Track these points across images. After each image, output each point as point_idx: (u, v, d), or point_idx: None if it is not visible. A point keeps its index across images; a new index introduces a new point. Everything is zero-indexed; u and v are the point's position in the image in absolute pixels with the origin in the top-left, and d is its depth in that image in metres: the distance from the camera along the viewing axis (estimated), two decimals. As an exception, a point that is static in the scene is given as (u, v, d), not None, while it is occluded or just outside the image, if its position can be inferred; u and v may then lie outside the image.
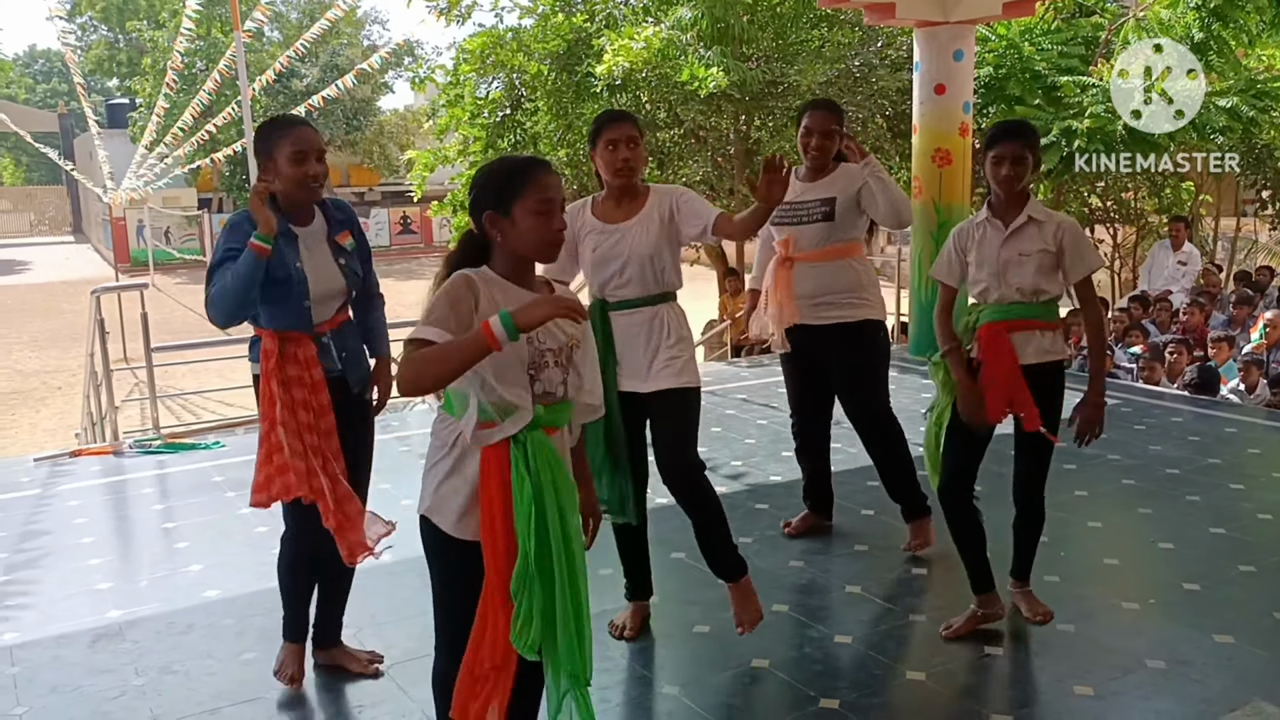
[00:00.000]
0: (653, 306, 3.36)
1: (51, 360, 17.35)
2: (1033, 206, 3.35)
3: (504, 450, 2.19)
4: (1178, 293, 10.12)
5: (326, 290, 3.02)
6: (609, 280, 3.33)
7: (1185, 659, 3.30)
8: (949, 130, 7.80)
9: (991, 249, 3.35)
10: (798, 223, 4.06)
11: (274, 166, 2.94)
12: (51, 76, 57.46)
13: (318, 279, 2.99)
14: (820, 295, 4.06)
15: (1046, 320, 3.36)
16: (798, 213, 4.06)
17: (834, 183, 4.04)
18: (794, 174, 4.12)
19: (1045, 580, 3.87)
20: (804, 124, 4.05)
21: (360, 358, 3.17)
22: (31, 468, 6.04)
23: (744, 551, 4.28)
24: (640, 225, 3.33)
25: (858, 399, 4.22)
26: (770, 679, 3.26)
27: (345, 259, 3.07)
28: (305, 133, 2.97)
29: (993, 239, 3.35)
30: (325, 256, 3.03)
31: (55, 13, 18.61)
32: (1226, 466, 5.40)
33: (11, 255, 36.40)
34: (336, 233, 3.08)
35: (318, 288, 2.98)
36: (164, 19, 33.59)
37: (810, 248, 4.05)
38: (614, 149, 3.29)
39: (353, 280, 3.09)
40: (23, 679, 3.39)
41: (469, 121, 12.08)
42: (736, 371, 8.39)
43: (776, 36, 11.02)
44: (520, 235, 2.22)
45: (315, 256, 3.01)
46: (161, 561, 4.46)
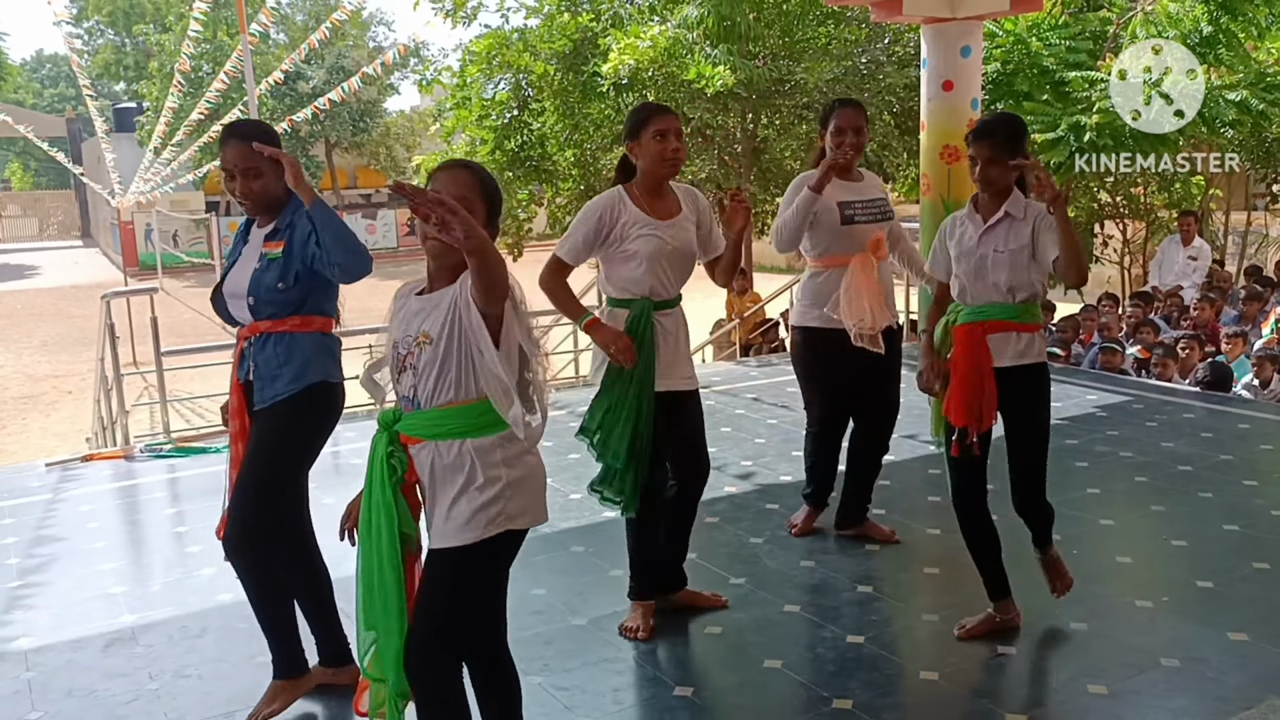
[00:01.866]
0: (680, 306, 3.50)
1: (61, 365, 17.41)
2: (1012, 202, 3.29)
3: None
4: (1188, 288, 10.08)
5: (232, 289, 3.07)
6: (667, 277, 3.39)
7: (1200, 657, 3.29)
8: (957, 127, 7.76)
9: (969, 245, 3.32)
10: (880, 219, 4.11)
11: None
12: (59, 81, 57.71)
13: (233, 278, 3.07)
14: (890, 295, 4.17)
15: (1024, 322, 3.31)
16: (872, 211, 4.09)
17: (875, 183, 4.18)
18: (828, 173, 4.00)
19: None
20: (835, 123, 4.01)
21: (274, 379, 2.99)
22: (43, 472, 6.06)
23: (754, 551, 4.32)
24: (685, 222, 3.43)
25: (889, 400, 4.30)
26: (783, 680, 3.25)
27: (260, 266, 3.00)
28: (235, 151, 2.96)
29: (971, 234, 3.33)
30: (249, 260, 3.06)
31: (61, 17, 18.69)
32: (1239, 463, 5.38)
33: (21, 260, 36.56)
34: (270, 239, 3.03)
35: (230, 284, 3.07)
36: (170, 22, 33.70)
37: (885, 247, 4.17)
38: (663, 139, 3.31)
39: (255, 288, 2.98)
40: (37, 683, 3.40)
41: (476, 123, 12.10)
42: (746, 371, 8.37)
43: (783, 34, 11.01)
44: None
45: (245, 259, 3.07)
46: (174, 565, 4.47)
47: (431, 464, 2.24)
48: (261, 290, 2.98)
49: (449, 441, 2.22)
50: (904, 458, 5.57)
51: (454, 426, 2.21)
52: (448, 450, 2.22)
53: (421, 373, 2.20)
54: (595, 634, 3.56)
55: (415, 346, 2.20)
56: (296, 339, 3.01)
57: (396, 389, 2.25)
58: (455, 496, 2.21)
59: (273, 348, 3.00)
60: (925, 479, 5.22)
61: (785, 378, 7.89)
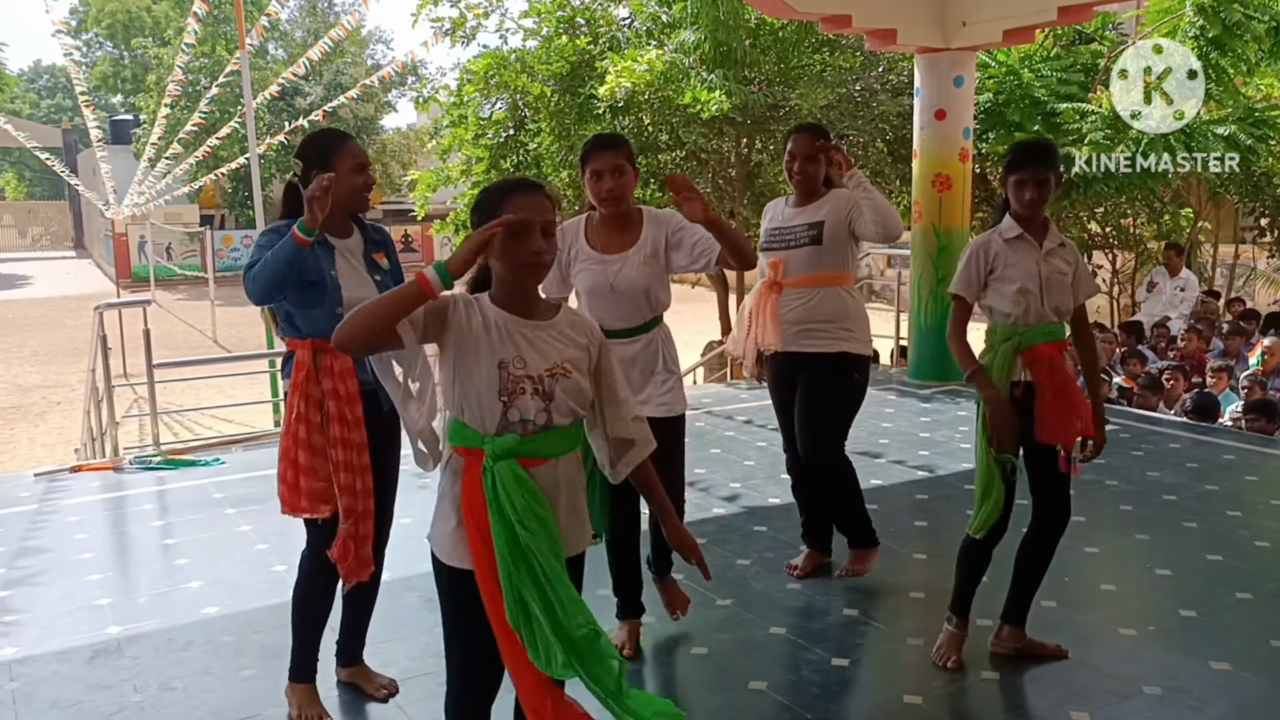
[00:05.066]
0: (647, 334, 3.41)
1: (51, 375, 17.35)
2: (1053, 227, 3.36)
3: (479, 475, 2.15)
4: (1175, 319, 10.16)
5: (359, 299, 3.00)
6: (609, 312, 3.34)
7: (1182, 686, 3.31)
8: (949, 155, 7.85)
9: (1030, 267, 3.26)
10: (785, 247, 4.01)
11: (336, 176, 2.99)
12: (56, 92, 57.73)
13: (350, 288, 3.03)
14: (805, 322, 3.97)
15: (1065, 341, 3.38)
16: (784, 237, 4.03)
17: (822, 207, 3.98)
18: (785, 201, 4.16)
19: (1043, 605, 3.87)
20: (788, 149, 4.02)
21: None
22: (31, 483, 6.05)
23: (741, 573, 4.33)
24: (636, 256, 3.34)
25: (807, 437, 4.04)
26: (767, 701, 3.27)
27: (380, 276, 3.12)
28: (360, 146, 3.12)
29: (1030, 256, 3.28)
30: (359, 270, 3.09)
31: (60, 27, 18.68)
32: (1224, 493, 5.42)
33: (13, 270, 36.47)
34: (373, 251, 3.15)
35: (350, 295, 3.00)
36: (169, 36, 33.84)
37: (799, 273, 3.98)
38: (598, 179, 3.29)
39: None
40: (21, 694, 3.39)
41: (472, 142, 12.15)
42: (736, 393, 8.40)
43: (778, 61, 11.10)
44: (500, 256, 2.19)
45: (350, 268, 3.07)
46: (161, 578, 4.47)
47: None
48: None
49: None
50: (891, 483, 5.60)
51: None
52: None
53: (561, 398, 2.20)
54: (581, 653, 3.56)
55: (547, 375, 2.18)
56: None
57: (512, 413, 2.16)
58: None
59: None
60: (912, 504, 5.25)
61: (775, 401, 7.93)
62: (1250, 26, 9.67)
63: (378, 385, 3.03)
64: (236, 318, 21.24)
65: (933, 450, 6.29)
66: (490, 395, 2.15)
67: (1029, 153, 3.28)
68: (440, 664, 3.40)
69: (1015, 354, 3.28)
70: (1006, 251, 3.30)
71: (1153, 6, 10.64)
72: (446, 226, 13.57)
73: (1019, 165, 3.26)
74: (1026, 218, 3.30)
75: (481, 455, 2.15)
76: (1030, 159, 3.26)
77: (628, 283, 3.33)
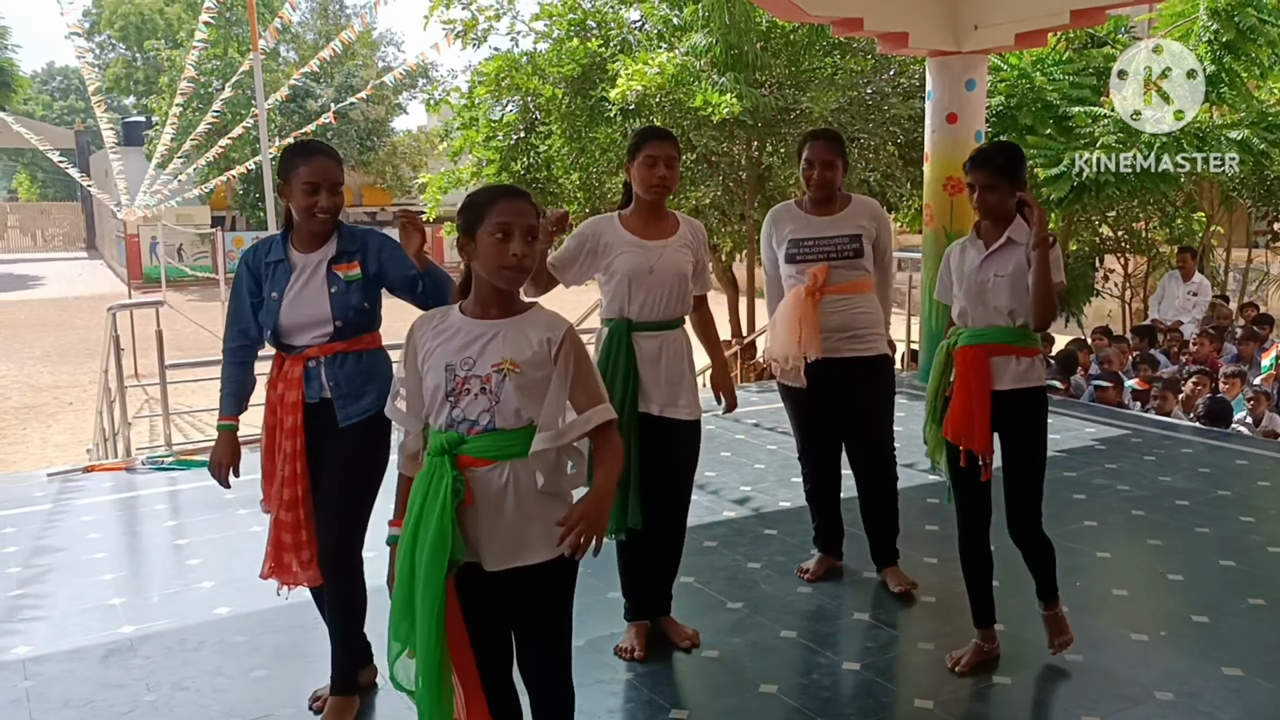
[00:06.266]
0: (673, 330, 3.47)
1: (64, 375, 17.43)
2: (1015, 228, 3.32)
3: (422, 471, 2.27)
4: (1188, 323, 10.12)
5: (302, 318, 3.04)
6: (646, 297, 3.38)
7: (1194, 691, 3.30)
8: (961, 158, 7.67)
9: (970, 269, 3.35)
10: (827, 258, 3.99)
11: (289, 191, 3.00)
12: (69, 93, 58.02)
13: (295, 307, 3.04)
14: (847, 329, 4.01)
15: (1023, 346, 3.32)
16: (823, 248, 4.00)
17: (856, 218, 4.01)
18: (798, 206, 4.15)
19: (1054, 610, 3.88)
20: (805, 155, 4.01)
21: (360, 396, 3.06)
22: (45, 483, 6.08)
23: (752, 577, 4.33)
24: (675, 243, 3.44)
25: (872, 438, 4.17)
26: (778, 705, 3.26)
27: (339, 288, 3.05)
28: (320, 163, 2.99)
29: (973, 259, 3.36)
30: (316, 285, 3.05)
31: (73, 29, 18.76)
32: (1236, 499, 5.40)
33: (25, 270, 36.64)
34: (340, 262, 3.07)
35: (291, 316, 3.04)
36: (182, 38, 33.98)
37: (840, 281, 4.00)
38: (653, 165, 3.37)
39: (341, 310, 3.04)
40: (35, 693, 3.41)
41: (483, 144, 12.17)
42: (746, 397, 8.39)
43: (789, 64, 11.10)
44: (482, 258, 2.25)
45: (304, 285, 3.05)
46: (173, 578, 4.48)
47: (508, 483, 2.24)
48: (349, 312, 3.05)
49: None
50: (902, 486, 5.57)
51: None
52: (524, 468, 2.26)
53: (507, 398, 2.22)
54: (592, 655, 3.57)
55: (494, 372, 2.22)
56: (376, 355, 3.14)
57: (456, 411, 2.23)
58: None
59: (353, 365, 3.08)
60: (923, 508, 5.24)
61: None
62: (1264, 31, 9.65)
63: (334, 399, 3.04)
64: (247, 319, 21.26)
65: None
66: (439, 396, 2.25)
67: (976, 157, 3.34)
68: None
69: (946, 353, 3.42)
70: (959, 255, 3.43)
71: (1166, 10, 10.61)
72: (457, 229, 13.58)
73: (969, 169, 3.34)
74: (984, 219, 3.37)
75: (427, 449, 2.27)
76: (976, 163, 3.31)
77: (668, 266, 3.40)
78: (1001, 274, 3.29)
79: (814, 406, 4.17)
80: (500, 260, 2.22)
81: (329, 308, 3.04)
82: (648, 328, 3.39)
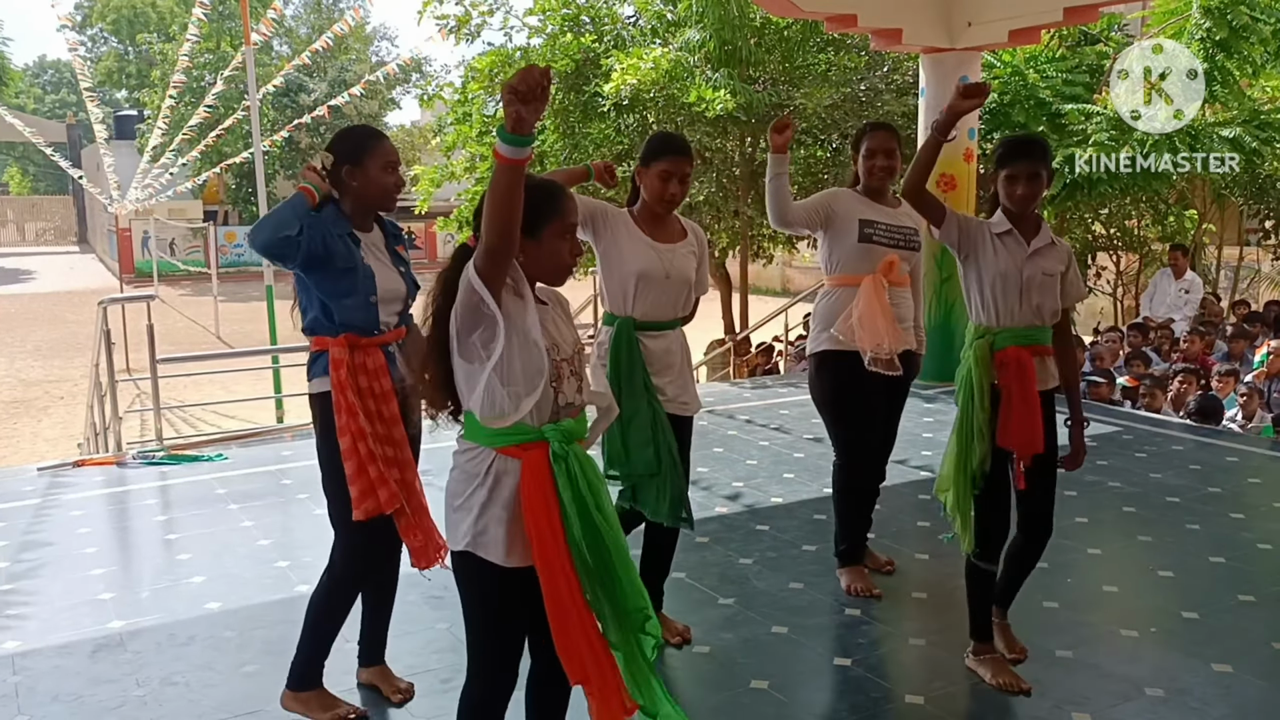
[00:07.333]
0: (676, 330, 3.50)
1: (54, 370, 17.39)
2: (1045, 226, 3.28)
3: (543, 469, 2.15)
4: (1180, 321, 10.15)
5: (390, 290, 3.03)
6: (654, 300, 3.37)
7: (1184, 688, 3.31)
8: (954, 155, 7.84)
9: (1012, 265, 3.20)
10: (902, 246, 3.97)
11: (362, 172, 2.99)
12: (60, 87, 57.83)
13: (382, 278, 3.03)
14: (904, 321, 3.99)
15: (1050, 346, 3.31)
16: (894, 236, 3.95)
17: (911, 213, 3.94)
18: (855, 194, 4.03)
19: (1045, 606, 3.89)
20: (866, 145, 3.96)
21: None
22: (34, 477, 6.06)
23: (744, 572, 4.33)
24: (684, 248, 3.46)
25: (894, 429, 4.21)
26: (769, 700, 3.27)
27: (403, 268, 3.12)
28: (392, 146, 3.10)
29: (1014, 254, 3.21)
30: (385, 262, 3.08)
31: (65, 22, 18.70)
32: (1227, 495, 5.41)
33: (16, 265, 36.52)
34: (394, 244, 3.15)
35: (383, 285, 3.01)
36: (174, 32, 33.84)
37: (903, 273, 4.00)
38: (666, 180, 3.36)
39: (411, 288, 3.11)
40: (24, 688, 3.40)
41: (476, 139, 12.16)
42: (739, 392, 8.40)
43: (783, 60, 11.10)
44: (543, 258, 2.21)
45: (376, 260, 3.05)
46: (163, 573, 4.47)
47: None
48: (415, 290, 3.10)
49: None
50: (894, 483, 5.58)
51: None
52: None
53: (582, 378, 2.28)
54: (583, 651, 3.56)
55: (576, 354, 2.24)
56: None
57: (561, 398, 2.21)
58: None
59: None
60: (915, 504, 5.25)
61: (779, 400, 7.94)
62: (1256, 29, 9.66)
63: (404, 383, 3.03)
64: (239, 313, 21.28)
65: (935, 451, 6.28)
66: (543, 381, 2.16)
67: (1020, 147, 3.20)
68: (441, 661, 3.42)
69: (990, 353, 3.23)
70: (990, 242, 3.24)
71: (1159, 8, 10.63)
72: (449, 223, 13.59)
73: (1010, 159, 3.18)
74: (1017, 214, 3.23)
75: (540, 447, 2.16)
76: (1021, 153, 3.17)
77: (680, 271, 3.41)
78: (1050, 273, 3.21)
79: (866, 402, 4.03)
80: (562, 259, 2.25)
81: (403, 284, 3.08)
82: (653, 328, 3.40)
